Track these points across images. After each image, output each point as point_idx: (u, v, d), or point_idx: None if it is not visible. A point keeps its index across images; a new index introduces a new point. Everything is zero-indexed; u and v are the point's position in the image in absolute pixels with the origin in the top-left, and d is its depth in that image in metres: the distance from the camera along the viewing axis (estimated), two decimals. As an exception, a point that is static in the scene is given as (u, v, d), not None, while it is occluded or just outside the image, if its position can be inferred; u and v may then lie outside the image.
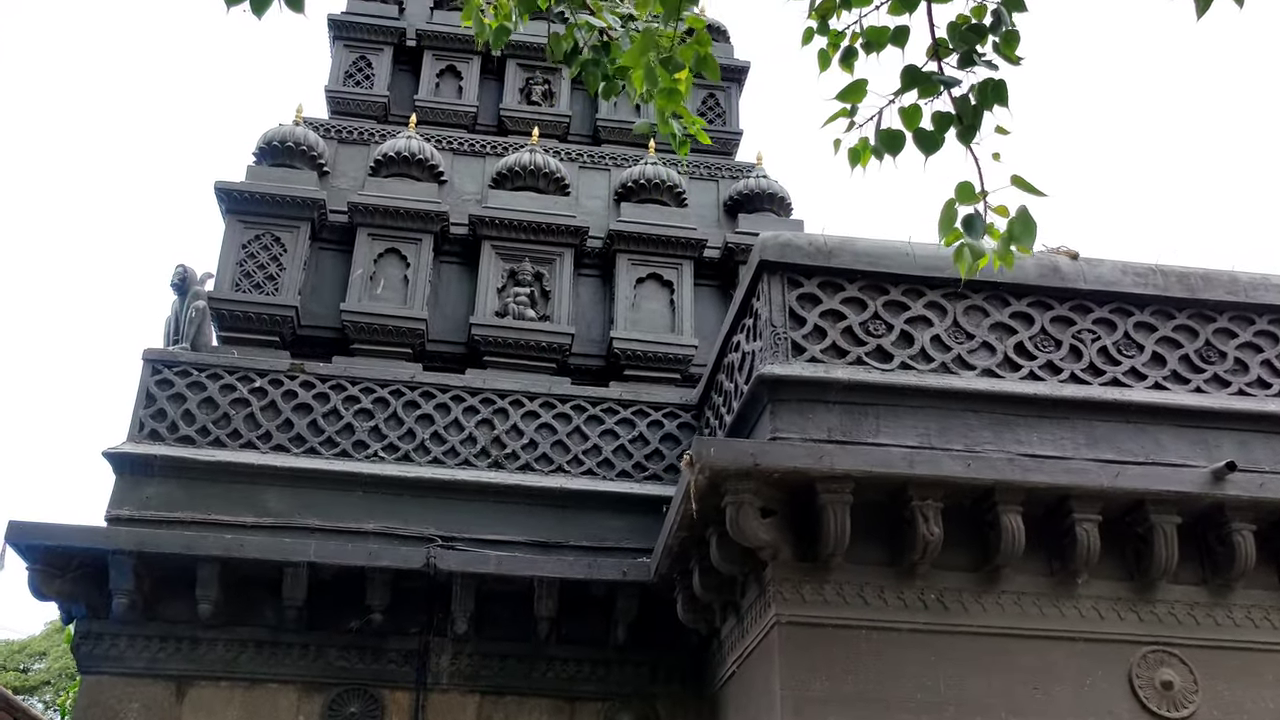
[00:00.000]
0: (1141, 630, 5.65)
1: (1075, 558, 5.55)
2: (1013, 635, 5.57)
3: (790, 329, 6.09)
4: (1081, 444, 6.01)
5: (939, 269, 6.31)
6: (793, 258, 6.26)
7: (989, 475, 5.45)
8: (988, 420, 6.02)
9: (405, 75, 10.34)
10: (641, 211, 9.09)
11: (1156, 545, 5.55)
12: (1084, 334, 6.33)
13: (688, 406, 7.94)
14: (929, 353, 6.13)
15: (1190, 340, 6.39)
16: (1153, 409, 6.13)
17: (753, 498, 5.31)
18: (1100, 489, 5.52)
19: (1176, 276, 6.55)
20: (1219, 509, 5.58)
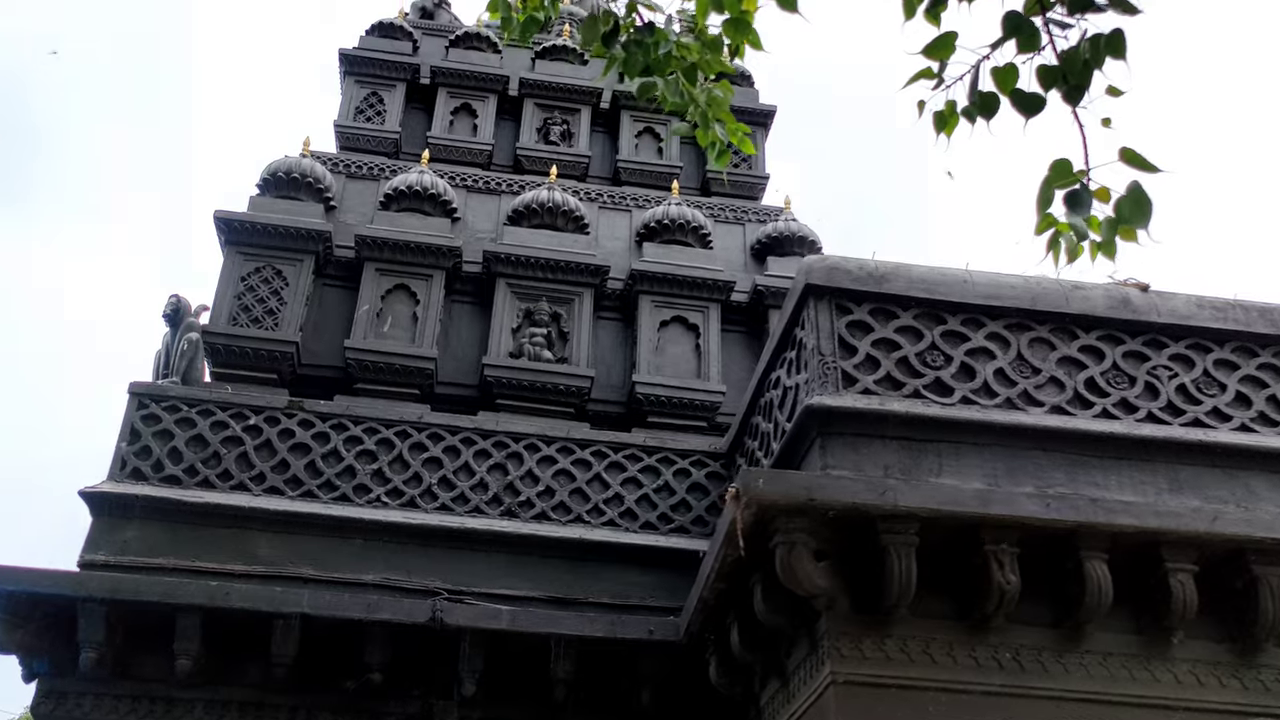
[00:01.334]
0: (1245, 699, 4.99)
1: (1169, 614, 4.91)
2: (1099, 700, 4.90)
3: (840, 358, 5.53)
4: (1164, 489, 5.40)
5: (1000, 297, 5.79)
6: (841, 282, 5.73)
7: (1071, 517, 4.84)
8: (1059, 461, 5.42)
9: (418, 113, 9.93)
10: (665, 252, 8.58)
11: (1262, 601, 4.91)
12: (1160, 370, 5.77)
13: (717, 455, 7.34)
14: (992, 387, 5.56)
15: (1277, 379, 5.83)
16: (1242, 452, 5.54)
17: (807, 538, 4.69)
18: (1196, 534, 4.90)
19: (1259, 311, 6.01)
20: (1334, 557, 4.95)
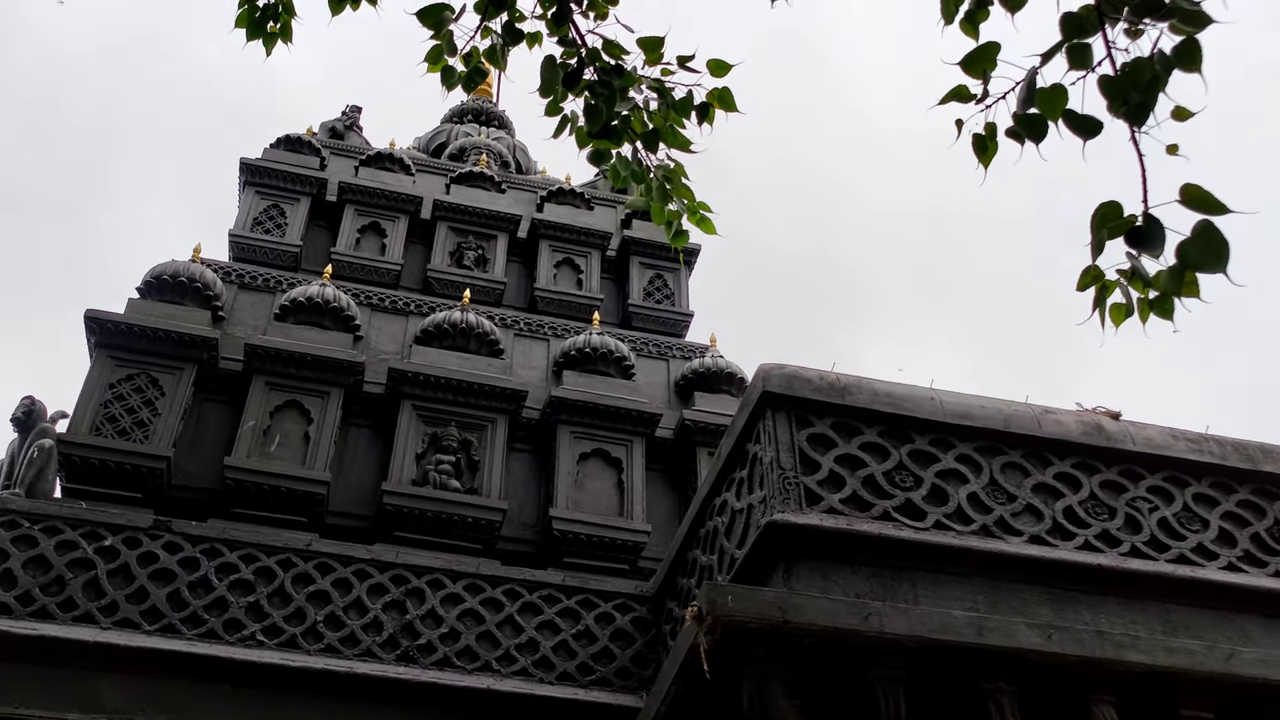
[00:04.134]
0: None
1: (1189, 768, 4.26)
2: None
3: (802, 473, 4.91)
4: (1157, 629, 4.84)
5: (971, 418, 5.31)
6: (801, 391, 5.17)
7: (1075, 650, 4.22)
8: (1044, 595, 4.83)
9: (322, 230, 9.30)
10: (587, 381, 7.96)
11: (1286, 752, 4.31)
12: (1139, 502, 5.30)
13: (644, 598, 6.55)
14: (967, 512, 5.00)
15: (1258, 518, 5.41)
16: (1234, 592, 5.04)
17: (779, 669, 3.95)
18: (1210, 675, 4.31)
19: (1233, 446, 5.64)
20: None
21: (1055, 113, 2.88)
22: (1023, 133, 2.87)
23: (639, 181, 4.51)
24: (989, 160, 2.97)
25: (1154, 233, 2.78)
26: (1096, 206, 2.91)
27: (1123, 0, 2.78)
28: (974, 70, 2.90)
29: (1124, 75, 2.81)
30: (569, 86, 3.96)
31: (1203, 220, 2.78)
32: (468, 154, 11.08)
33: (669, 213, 4.58)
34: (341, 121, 10.69)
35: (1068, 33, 2.74)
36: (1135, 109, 2.79)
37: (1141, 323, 3.02)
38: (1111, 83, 2.76)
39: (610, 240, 9.82)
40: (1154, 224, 2.77)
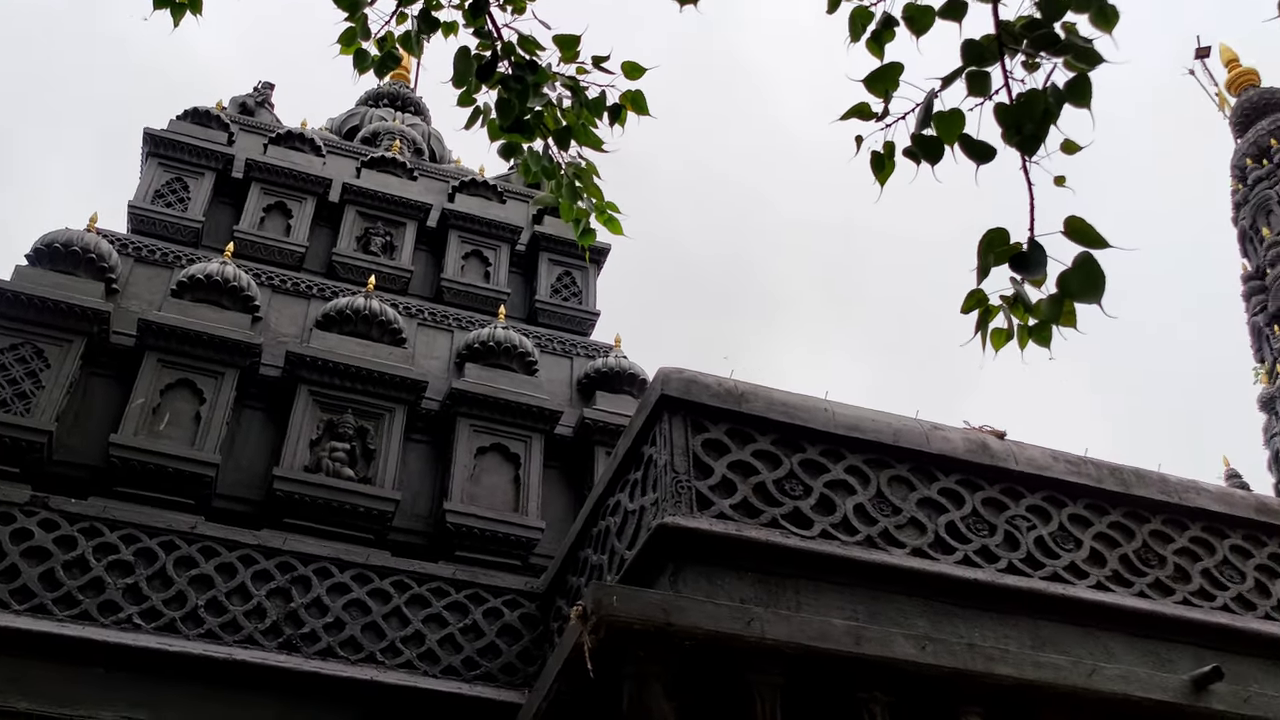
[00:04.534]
0: None
1: (1044, 778, 4.42)
2: None
3: (695, 478, 4.97)
4: (1027, 644, 5.00)
5: (861, 430, 5.42)
6: (699, 397, 5.23)
7: (949, 662, 4.35)
8: (922, 607, 4.96)
9: (226, 207, 9.09)
10: (489, 375, 7.93)
11: (1138, 767, 4.49)
12: (1018, 520, 5.47)
13: (533, 595, 6.56)
14: (853, 523, 5.10)
15: (1127, 540, 5.63)
16: (1101, 610, 5.24)
17: (660, 669, 3.99)
18: (1073, 689, 4.48)
19: (1109, 469, 5.85)
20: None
21: (952, 136, 2.96)
22: (919, 153, 2.94)
23: (549, 178, 4.52)
24: (885, 178, 3.04)
25: (1037, 260, 2.87)
26: (985, 232, 3.01)
27: (1022, 33, 2.87)
28: (876, 89, 2.97)
29: (1019, 105, 2.90)
30: (483, 79, 3.95)
31: (1083, 252, 2.88)
32: (381, 139, 10.94)
33: (577, 210, 4.58)
34: (253, 98, 10.46)
35: (968, 59, 2.82)
36: (1028, 139, 2.88)
37: (1020, 348, 3.12)
38: (1007, 111, 2.85)
39: (521, 235, 9.78)
40: (1038, 252, 2.86)
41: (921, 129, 2.94)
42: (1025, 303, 2.96)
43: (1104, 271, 2.87)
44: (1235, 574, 5.67)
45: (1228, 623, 5.38)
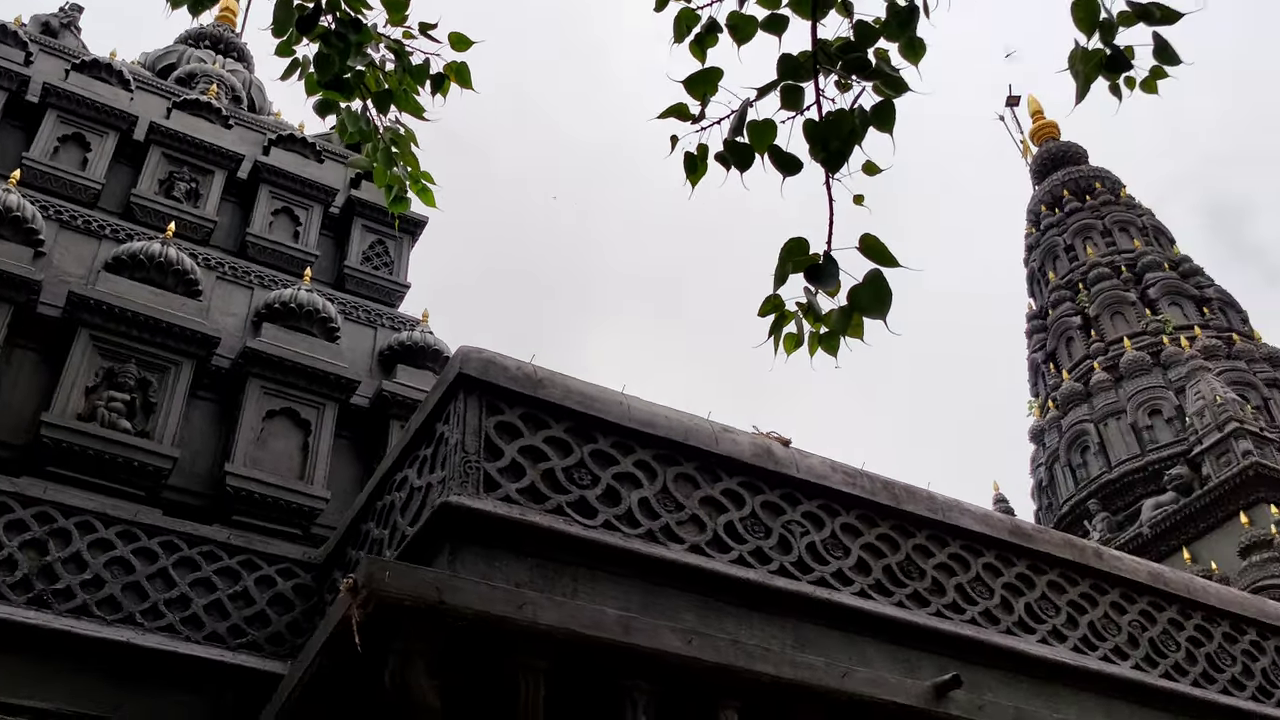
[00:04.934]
0: None
1: (792, 772, 4.62)
2: None
3: (485, 459, 4.97)
4: (789, 644, 5.22)
5: (654, 426, 5.53)
6: (496, 378, 5.22)
7: (711, 657, 4.49)
8: (694, 602, 5.10)
9: (16, 131, 8.51)
10: (287, 337, 7.69)
11: (878, 765, 4.74)
12: (793, 525, 5.69)
13: (310, 565, 6.42)
14: (636, 516, 5.20)
15: (892, 551, 5.93)
16: (860, 617, 5.51)
17: (427, 648, 3.98)
18: (826, 689, 4.70)
19: (883, 483, 6.15)
20: (945, 727, 4.91)
21: (762, 146, 3.07)
22: (730, 159, 3.04)
23: (366, 140, 4.44)
24: (697, 179, 3.12)
25: (830, 273, 3.00)
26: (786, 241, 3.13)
27: (837, 54, 3.00)
28: (695, 91, 3.04)
29: (827, 123, 3.03)
30: (303, 30, 3.84)
31: (874, 269, 3.03)
32: (197, 81, 10.44)
33: (391, 176, 4.52)
34: (58, 18, 9.81)
35: (783, 73, 2.93)
36: (833, 155, 3.01)
37: (810, 354, 3.26)
38: (815, 127, 2.97)
39: (336, 197, 9.53)
40: (831, 265, 3.00)
41: (734, 136, 3.03)
42: (816, 312, 3.09)
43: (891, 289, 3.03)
44: (985, 590, 6.06)
45: (973, 635, 5.74)
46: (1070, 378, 22.32)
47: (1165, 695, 6.21)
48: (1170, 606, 6.69)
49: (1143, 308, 22.55)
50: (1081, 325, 23.03)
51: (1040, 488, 22.47)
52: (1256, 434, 17.75)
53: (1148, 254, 23.58)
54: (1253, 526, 16.45)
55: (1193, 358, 20.16)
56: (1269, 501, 16.72)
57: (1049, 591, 6.28)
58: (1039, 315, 24.61)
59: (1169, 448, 19.57)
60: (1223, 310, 22.53)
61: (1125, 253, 23.88)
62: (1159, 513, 18.31)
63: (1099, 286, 23.11)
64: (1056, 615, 6.19)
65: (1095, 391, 21.37)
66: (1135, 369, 20.99)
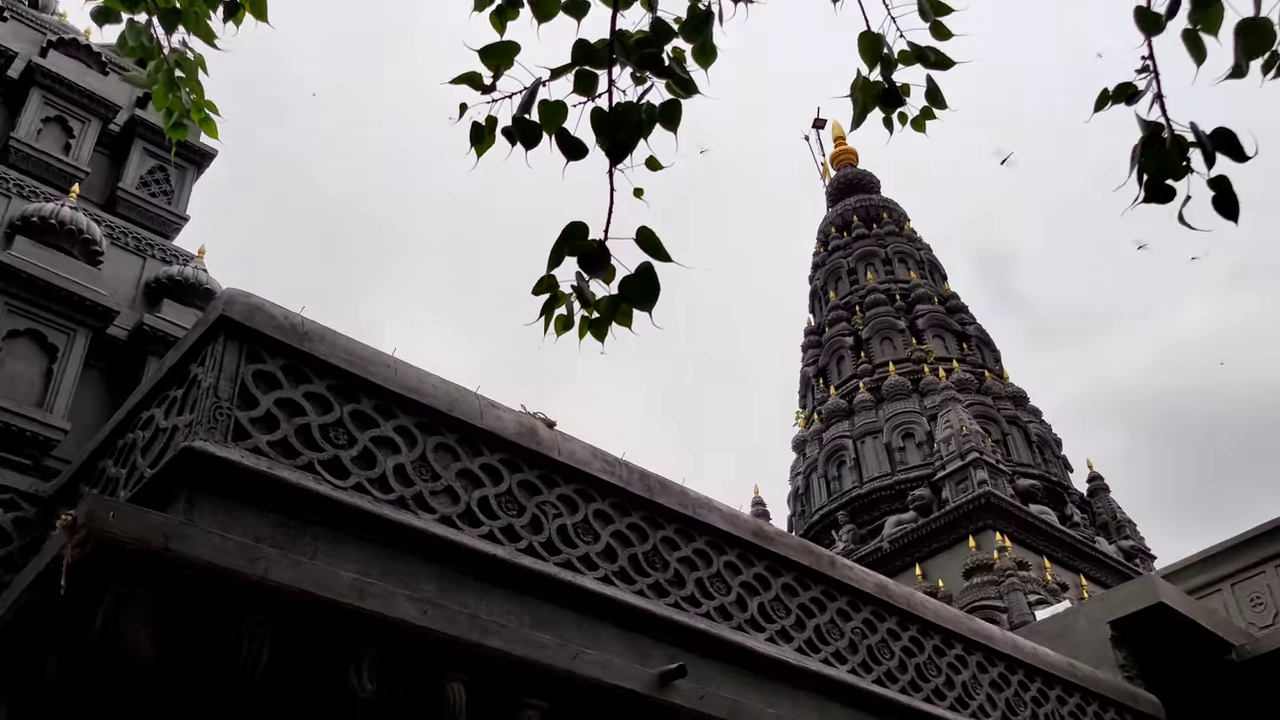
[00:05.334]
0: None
1: (512, 751, 4.69)
2: (422, 837, 4.48)
3: (238, 407, 4.81)
4: (527, 622, 5.29)
5: (420, 393, 5.49)
6: (261, 325, 5.06)
7: (444, 629, 4.50)
8: (437, 573, 5.10)
9: None
10: (41, 254, 7.20)
11: (599, 746, 4.88)
12: (548, 506, 5.77)
13: (36, 498, 6.04)
14: (390, 481, 5.15)
15: (640, 541, 6.09)
16: (601, 602, 5.64)
17: (147, 593, 3.82)
18: (556, 669, 4.79)
19: (639, 474, 6.31)
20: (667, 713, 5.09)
21: (551, 127, 3.09)
22: (516, 135, 3.05)
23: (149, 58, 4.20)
24: (483, 150, 3.12)
25: (602, 261, 3.06)
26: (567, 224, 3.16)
27: (635, 47, 3.05)
28: (490, 61, 3.04)
29: (615, 113, 3.08)
30: (82, -66, 3.60)
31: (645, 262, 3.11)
32: (-28, -36, 9.59)
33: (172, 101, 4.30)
34: None
35: (578, 58, 2.96)
36: (617, 146, 3.06)
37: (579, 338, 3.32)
38: (603, 116, 3.02)
39: (118, 115, 8.96)
40: (604, 253, 3.06)
41: (523, 112, 3.05)
42: (585, 298, 3.15)
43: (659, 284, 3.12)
44: (723, 586, 6.30)
45: (705, 628, 5.97)
46: (836, 394, 23.44)
47: (875, 699, 6.63)
48: (890, 617, 7.15)
49: (910, 336, 23.91)
50: (853, 346, 24.22)
51: (796, 495, 23.51)
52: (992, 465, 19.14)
53: (921, 286, 25.01)
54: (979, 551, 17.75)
55: (947, 388, 21.54)
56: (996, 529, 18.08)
57: (783, 593, 6.60)
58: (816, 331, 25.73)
59: (916, 470, 20.85)
60: (980, 348, 24.16)
61: (901, 283, 25.25)
62: (899, 530, 19.48)
63: (873, 312, 24.35)
64: (786, 616, 6.52)
65: (857, 410, 22.52)
66: (895, 393, 22.24)
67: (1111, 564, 19.63)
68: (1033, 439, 21.81)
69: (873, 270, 25.59)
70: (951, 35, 3.19)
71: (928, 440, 21.05)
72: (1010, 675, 7.73)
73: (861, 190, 27.98)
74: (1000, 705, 7.48)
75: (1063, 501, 21.04)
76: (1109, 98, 2.58)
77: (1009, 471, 19.76)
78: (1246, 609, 10.29)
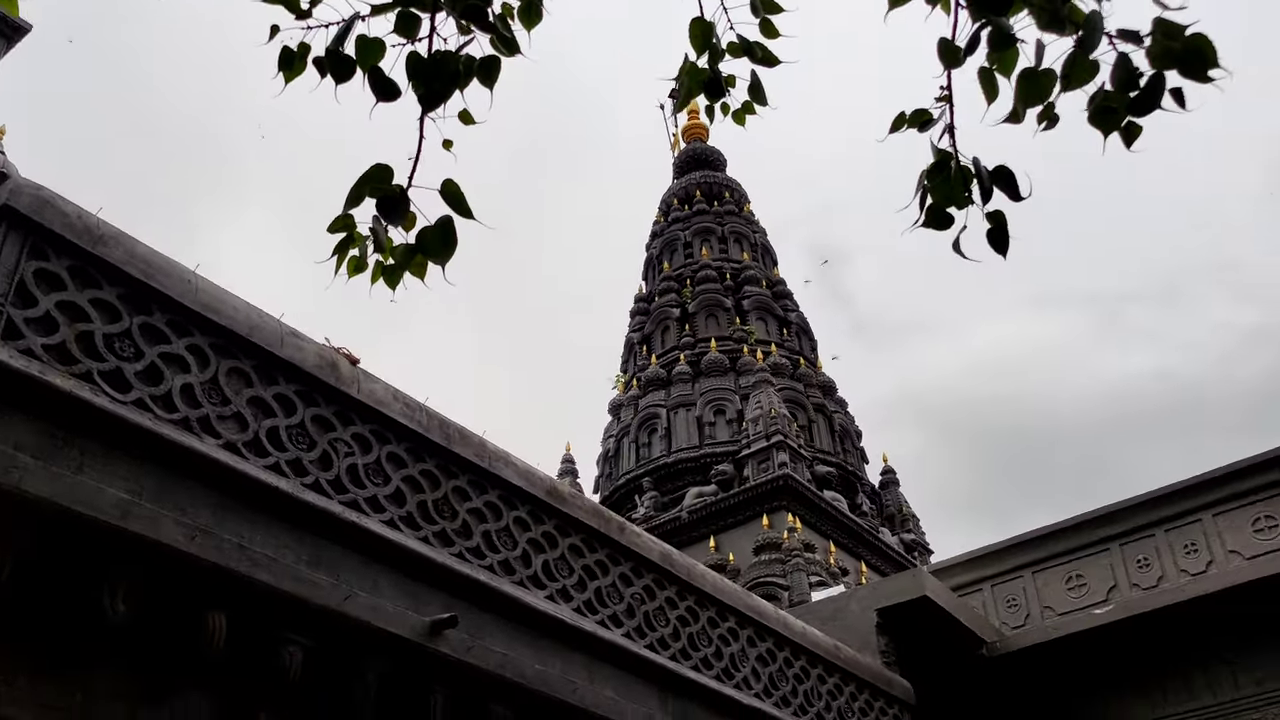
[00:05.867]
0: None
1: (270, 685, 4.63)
2: (161, 765, 4.38)
3: (15, 304, 4.55)
4: (304, 560, 5.20)
5: (219, 313, 5.31)
6: (51, 221, 4.79)
7: (212, 557, 4.40)
8: (215, 501, 4.95)
9: None
10: None
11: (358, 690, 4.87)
12: (340, 444, 5.68)
13: None
14: (175, 401, 4.97)
15: (432, 488, 6.07)
16: (383, 545, 5.59)
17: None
18: (325, 609, 4.76)
19: (439, 422, 6.28)
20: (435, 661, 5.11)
21: (365, 64, 3.01)
22: (328, 67, 2.96)
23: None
24: (291, 78, 3.01)
25: (401, 208, 3.02)
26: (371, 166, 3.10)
27: None
28: (307, -21, 2.93)
29: (432, 61, 3.03)
30: None
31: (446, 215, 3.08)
32: None
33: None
34: None
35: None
36: (431, 94, 3.01)
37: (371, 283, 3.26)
38: (420, 62, 2.96)
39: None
40: (404, 200, 3.01)
41: (338, 45, 2.97)
42: (380, 243, 3.10)
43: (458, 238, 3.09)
44: (510, 541, 6.35)
45: (486, 580, 6.00)
46: (657, 363, 23.79)
47: (645, 663, 6.82)
48: (670, 586, 7.35)
49: (735, 315, 24.45)
50: (679, 318, 24.61)
51: (607, 457, 23.80)
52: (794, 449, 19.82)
53: (751, 268, 25.57)
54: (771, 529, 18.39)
55: (762, 370, 22.15)
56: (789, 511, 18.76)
57: (569, 554, 6.70)
58: (646, 299, 26.01)
59: (724, 445, 21.40)
60: (799, 335, 24.92)
61: (734, 262, 25.76)
62: (699, 501, 19.99)
63: (703, 287, 24.78)
64: (569, 576, 6.62)
65: (675, 381, 22.92)
66: (713, 369, 22.73)
67: (892, 554, 20.66)
68: (836, 428, 22.68)
69: (708, 246, 26.00)
70: (779, 35, 3.26)
71: (738, 418, 21.62)
72: (777, 651, 8.08)
73: (708, 166, 28.35)
74: (764, 678, 7.80)
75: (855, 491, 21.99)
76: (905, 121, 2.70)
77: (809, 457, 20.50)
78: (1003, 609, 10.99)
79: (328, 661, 4.87)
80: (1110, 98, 2.30)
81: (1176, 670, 9.59)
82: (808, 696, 8.15)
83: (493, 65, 2.97)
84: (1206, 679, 9.47)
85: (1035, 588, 10.90)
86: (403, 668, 5.14)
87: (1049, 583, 10.81)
